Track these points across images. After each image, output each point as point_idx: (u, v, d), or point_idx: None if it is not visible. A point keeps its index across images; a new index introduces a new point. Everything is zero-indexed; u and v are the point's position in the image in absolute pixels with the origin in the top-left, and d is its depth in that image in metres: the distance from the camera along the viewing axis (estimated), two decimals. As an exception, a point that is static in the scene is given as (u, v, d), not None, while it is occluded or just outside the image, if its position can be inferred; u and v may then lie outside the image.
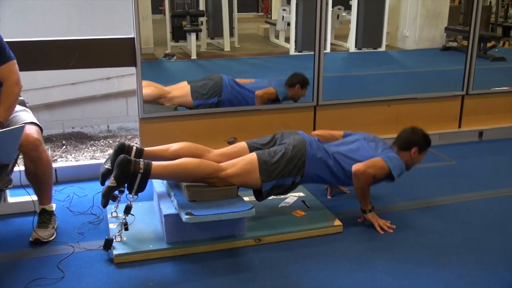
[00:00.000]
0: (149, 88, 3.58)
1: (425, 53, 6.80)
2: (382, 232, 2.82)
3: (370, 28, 7.14)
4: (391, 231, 2.84)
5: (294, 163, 2.78)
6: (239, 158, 2.76)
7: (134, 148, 2.72)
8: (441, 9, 7.30)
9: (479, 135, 4.50)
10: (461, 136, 4.45)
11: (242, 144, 2.93)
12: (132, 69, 3.56)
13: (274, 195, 2.85)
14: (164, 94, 3.78)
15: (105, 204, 2.50)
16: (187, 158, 2.67)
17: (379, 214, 2.92)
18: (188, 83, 3.90)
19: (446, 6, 7.34)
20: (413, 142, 3.01)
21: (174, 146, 2.83)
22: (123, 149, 2.68)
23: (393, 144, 3.05)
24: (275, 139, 2.94)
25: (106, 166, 2.66)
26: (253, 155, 2.76)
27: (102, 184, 2.66)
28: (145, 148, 2.78)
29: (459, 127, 4.51)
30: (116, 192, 2.57)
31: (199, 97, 3.83)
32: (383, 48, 7.13)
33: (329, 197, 3.27)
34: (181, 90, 3.85)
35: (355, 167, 2.82)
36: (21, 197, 2.93)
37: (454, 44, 6.97)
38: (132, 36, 3.41)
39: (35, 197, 2.75)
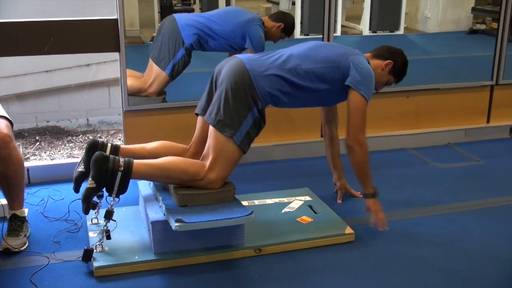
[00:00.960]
0: (128, 79, 3.56)
1: (449, 36, 6.80)
2: (380, 228, 2.87)
3: (387, 8, 7.12)
4: (387, 228, 2.88)
5: (242, 94, 2.69)
6: (206, 144, 2.76)
7: (109, 145, 2.73)
8: (468, -14, 7.30)
9: (510, 131, 4.51)
10: (489, 132, 4.45)
11: (199, 120, 2.90)
12: (115, 55, 3.55)
13: (255, 137, 2.78)
14: (143, 86, 3.75)
15: (86, 210, 2.50)
16: (173, 156, 2.68)
17: (395, 221, 2.93)
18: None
19: (473, -17, 7.34)
20: (393, 55, 2.97)
21: (151, 145, 2.85)
22: (95, 147, 2.69)
23: (369, 53, 3.01)
24: (215, 81, 2.83)
25: (79, 169, 2.66)
26: (210, 127, 2.75)
27: (76, 191, 2.66)
28: (121, 146, 2.79)
29: (488, 122, 4.51)
30: (95, 198, 2.57)
31: (166, 62, 3.72)
32: (401, 31, 7.12)
33: (339, 201, 3.27)
34: (150, 71, 3.77)
35: (347, 142, 2.83)
36: (-12, 201, 2.93)
37: (483, 26, 6.96)
38: (115, 17, 3.41)
39: (4, 201, 2.76)
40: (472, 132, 4.40)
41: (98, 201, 2.66)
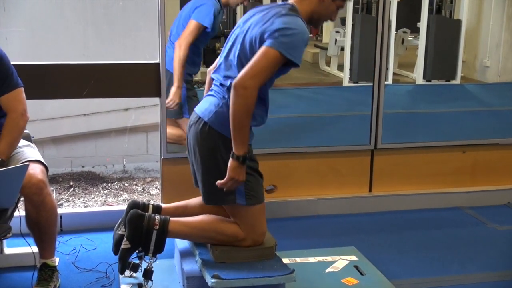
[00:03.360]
0: (168, 128, 3.64)
1: (510, 87, 6.74)
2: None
3: (442, 56, 7.14)
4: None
5: (217, 159, 2.57)
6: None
7: (150, 206, 2.76)
8: (531, 34, 7.26)
9: None
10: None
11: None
12: (154, 100, 3.65)
13: (259, 179, 2.67)
14: (184, 134, 3.82)
15: (122, 270, 2.58)
16: (210, 216, 2.71)
17: (448, 287, 2.86)
18: None
19: (537, 31, 7.30)
20: None
21: (193, 203, 2.86)
22: (137, 207, 2.72)
23: None
24: (189, 149, 2.73)
25: (119, 232, 2.68)
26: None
27: (116, 253, 2.67)
28: (163, 206, 2.83)
29: (553, 180, 4.42)
30: (136, 260, 2.63)
31: (179, 109, 3.75)
32: (457, 81, 7.11)
33: None
34: (180, 125, 3.88)
35: (234, 82, 2.44)
36: (19, 248, 3.00)
37: (547, 77, 6.89)
38: (157, 61, 3.52)
39: (35, 249, 2.81)
40: (535, 191, 4.31)
41: (139, 262, 2.70)
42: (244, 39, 2.56)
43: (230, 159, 2.49)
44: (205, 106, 2.64)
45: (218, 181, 2.51)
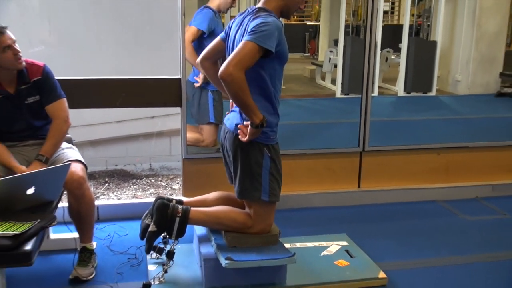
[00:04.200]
0: (188, 133, 3.66)
1: (478, 99, 6.76)
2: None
3: (420, 72, 7.15)
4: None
5: (251, 162, 2.61)
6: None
7: (174, 200, 2.78)
8: (496, 53, 7.27)
9: (536, 187, 4.39)
10: (516, 188, 4.35)
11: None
12: (176, 109, 3.67)
13: (280, 179, 2.72)
14: (200, 137, 3.85)
15: (148, 250, 2.60)
16: (225, 206, 2.73)
17: (425, 268, 2.85)
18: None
19: (501, 50, 7.31)
20: None
21: (211, 198, 2.88)
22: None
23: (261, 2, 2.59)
24: (223, 151, 2.77)
25: (146, 221, 2.70)
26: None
27: (142, 238, 2.69)
28: (184, 200, 2.85)
29: (514, 178, 4.41)
30: (162, 245, 2.65)
31: (207, 115, 3.78)
32: (433, 93, 7.12)
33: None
34: (201, 129, 3.88)
35: (219, 74, 2.36)
36: (63, 234, 3.03)
37: (510, 90, 6.89)
38: (178, 76, 3.54)
39: (76, 235, 2.85)
40: (499, 187, 4.30)
41: (164, 246, 2.72)
42: None
43: (250, 128, 2.47)
44: (234, 121, 2.65)
45: (242, 138, 2.51)
